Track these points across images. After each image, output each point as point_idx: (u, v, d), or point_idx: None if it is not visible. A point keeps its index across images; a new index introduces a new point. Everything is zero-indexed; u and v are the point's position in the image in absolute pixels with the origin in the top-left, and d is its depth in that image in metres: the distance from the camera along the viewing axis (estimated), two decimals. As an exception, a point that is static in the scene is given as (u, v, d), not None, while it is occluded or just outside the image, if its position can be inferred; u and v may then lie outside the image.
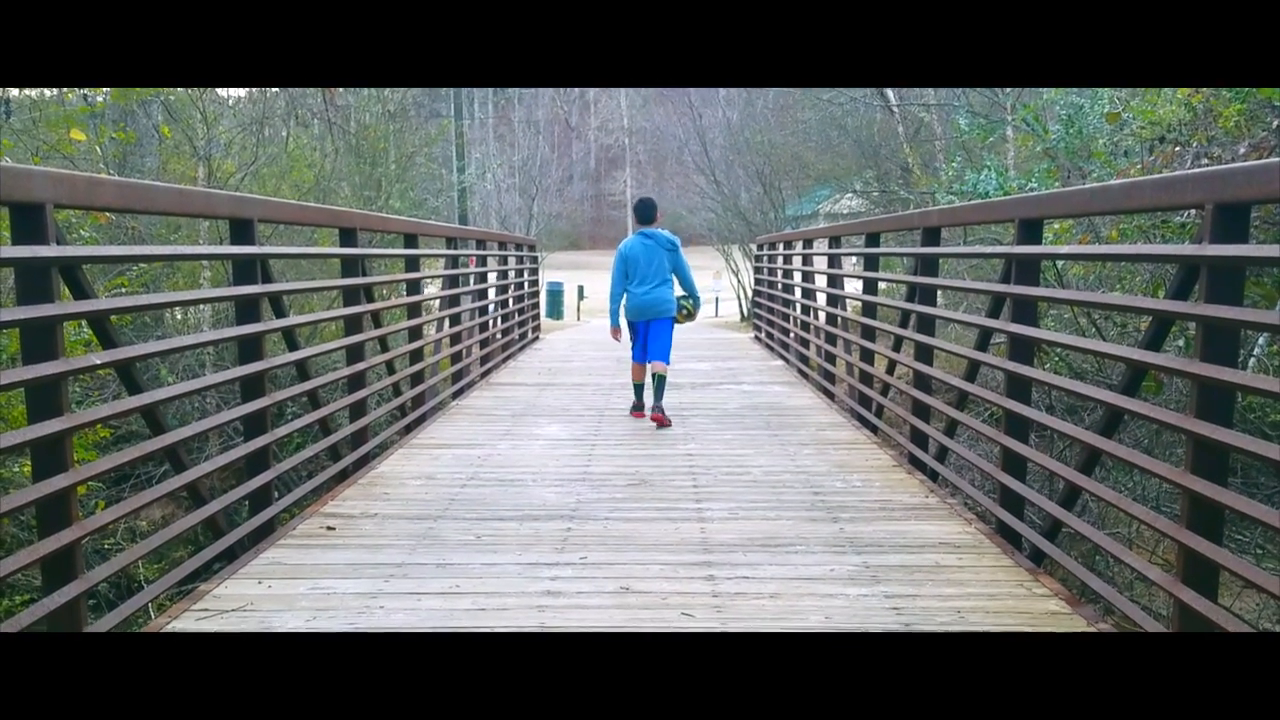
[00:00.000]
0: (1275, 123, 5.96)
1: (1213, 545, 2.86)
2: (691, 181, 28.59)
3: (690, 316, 7.39)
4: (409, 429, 7.08)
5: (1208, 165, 5.64)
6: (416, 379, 7.38)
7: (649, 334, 7.21)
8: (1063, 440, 6.63)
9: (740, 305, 23.92)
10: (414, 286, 7.66)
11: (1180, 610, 2.96)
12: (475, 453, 6.26)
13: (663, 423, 6.99)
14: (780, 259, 12.82)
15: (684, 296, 7.37)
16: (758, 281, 15.31)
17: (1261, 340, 5.94)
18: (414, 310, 7.60)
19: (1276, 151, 5.79)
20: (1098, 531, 3.89)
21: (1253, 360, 5.95)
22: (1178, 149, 6.14)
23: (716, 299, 27.31)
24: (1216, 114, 5.89)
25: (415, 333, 7.46)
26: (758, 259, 15.59)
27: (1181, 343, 5.77)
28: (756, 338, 14.53)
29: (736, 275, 24.24)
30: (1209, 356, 2.89)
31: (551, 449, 6.40)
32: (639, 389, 7.54)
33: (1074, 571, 3.80)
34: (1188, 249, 3.17)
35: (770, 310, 13.04)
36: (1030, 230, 4.38)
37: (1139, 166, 6.66)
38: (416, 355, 7.42)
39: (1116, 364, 5.89)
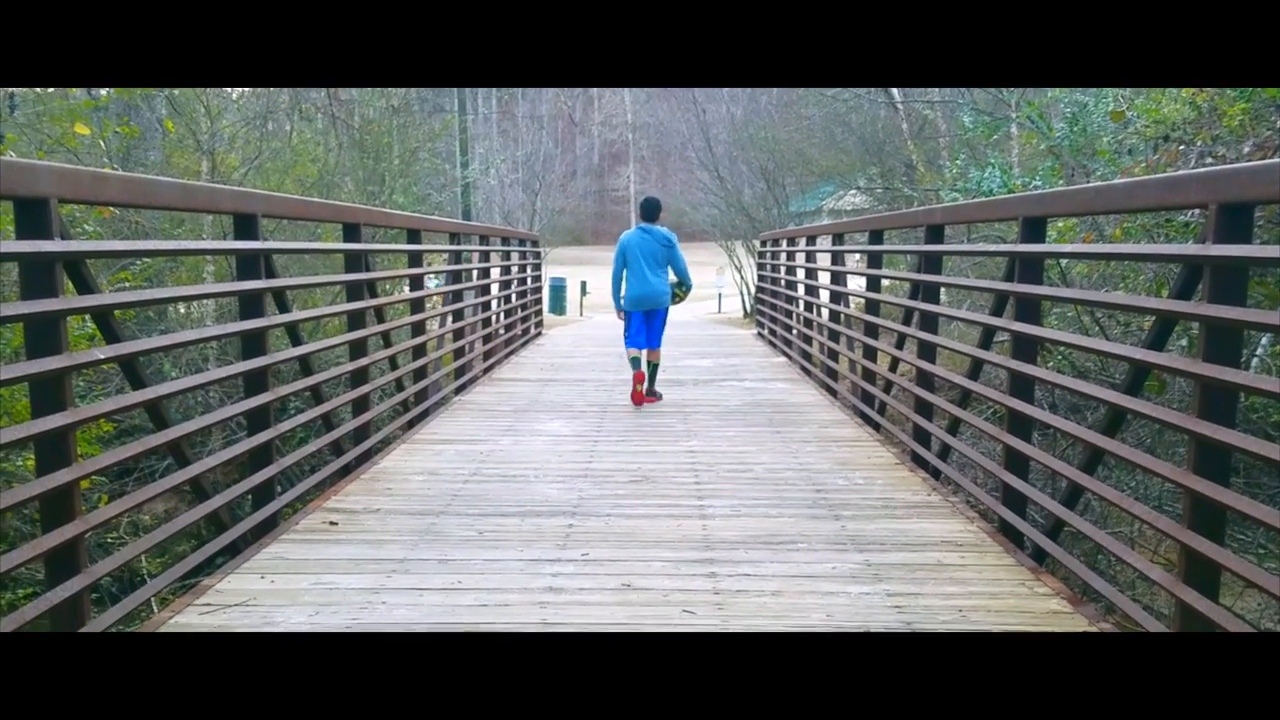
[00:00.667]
0: (1280, 121, 5.94)
1: (1214, 545, 2.86)
2: (695, 177, 28.52)
3: (681, 300, 8.25)
4: (412, 424, 7.09)
5: (1212, 164, 5.63)
6: (419, 374, 7.39)
7: (648, 324, 7.97)
8: (1065, 439, 6.63)
9: (743, 301, 23.92)
10: (417, 282, 7.67)
11: (1182, 610, 2.96)
12: (478, 448, 6.27)
13: (655, 399, 7.99)
14: (783, 255, 12.81)
15: (676, 284, 8.12)
16: (760, 278, 15.30)
17: (1265, 340, 5.93)
18: (417, 305, 7.61)
19: (1281, 151, 5.77)
20: (1100, 531, 3.89)
21: (1255, 360, 5.94)
22: (1182, 148, 6.11)
23: (719, 295, 27.30)
24: (1221, 113, 5.87)
25: (418, 328, 7.47)
26: (761, 255, 15.58)
27: (1185, 342, 5.76)
28: (759, 334, 14.53)
29: (739, 271, 24.23)
30: (1212, 357, 2.88)
31: (554, 445, 6.40)
32: (635, 361, 8.05)
33: (1076, 571, 3.80)
34: (1191, 249, 3.17)
35: (773, 307, 13.03)
36: (1034, 228, 4.37)
37: (1143, 165, 6.64)
38: (419, 350, 7.43)
39: (1119, 363, 5.89)
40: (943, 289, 6.38)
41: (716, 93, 25.72)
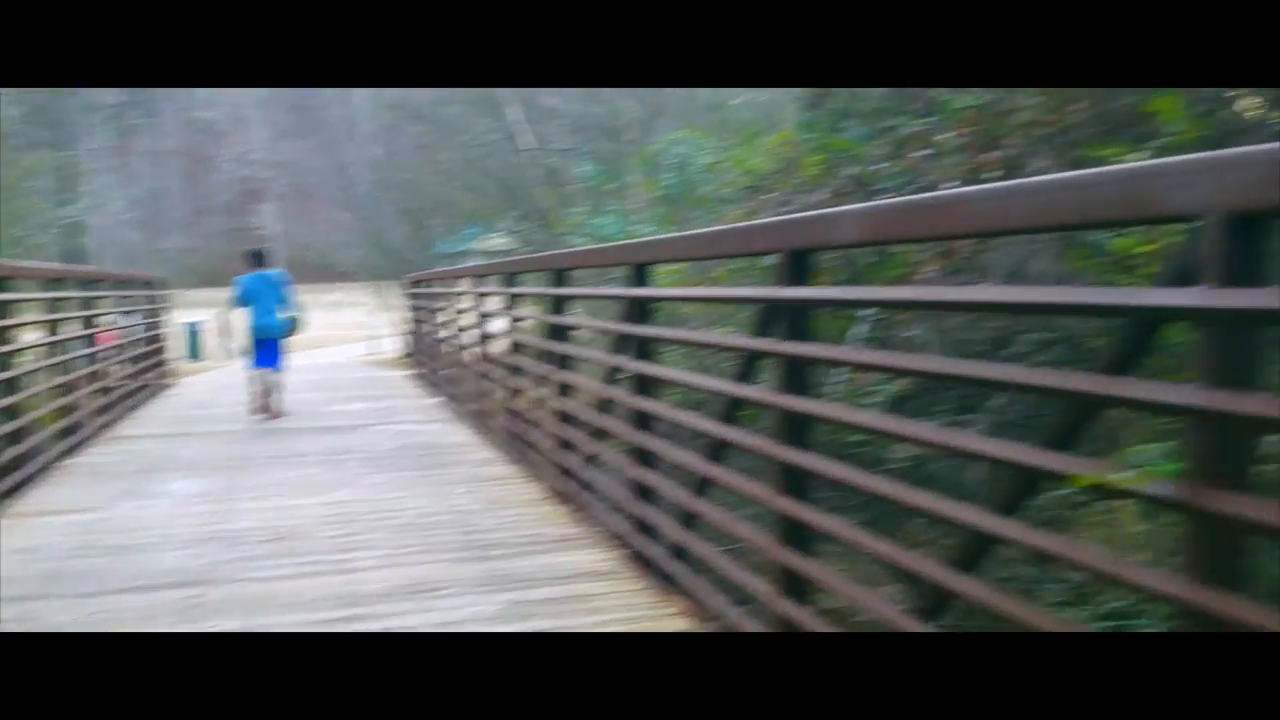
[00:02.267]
0: (853, 171, 6.86)
1: (804, 557, 3.16)
2: (339, 217, 27.70)
3: (295, 331, 9.87)
4: (4, 497, 6.23)
5: (788, 212, 6.36)
6: (14, 438, 6.53)
7: (272, 350, 9.66)
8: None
9: (397, 343, 23.48)
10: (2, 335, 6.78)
11: (781, 621, 3.24)
12: (87, 517, 5.66)
13: (279, 415, 9.65)
14: (430, 297, 12.78)
15: (291, 316, 9.77)
16: (411, 319, 15.12)
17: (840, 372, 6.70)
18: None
19: (853, 197, 6.64)
20: (714, 550, 4.18)
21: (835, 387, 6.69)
22: (764, 197, 6.88)
23: (372, 337, 26.57)
24: (799, 164, 6.69)
25: (9, 386, 6.60)
26: (413, 297, 15.40)
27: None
28: (414, 375, 14.34)
29: (393, 312, 23.76)
30: (790, 388, 3.22)
31: (181, 507, 5.92)
32: (258, 379, 9.64)
33: (693, 589, 4.05)
34: (764, 291, 3.51)
35: (425, 348, 12.93)
36: (643, 273, 4.71)
37: (741, 212, 7.38)
38: (11, 412, 6.56)
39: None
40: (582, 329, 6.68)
41: (357, 131, 25.20)
